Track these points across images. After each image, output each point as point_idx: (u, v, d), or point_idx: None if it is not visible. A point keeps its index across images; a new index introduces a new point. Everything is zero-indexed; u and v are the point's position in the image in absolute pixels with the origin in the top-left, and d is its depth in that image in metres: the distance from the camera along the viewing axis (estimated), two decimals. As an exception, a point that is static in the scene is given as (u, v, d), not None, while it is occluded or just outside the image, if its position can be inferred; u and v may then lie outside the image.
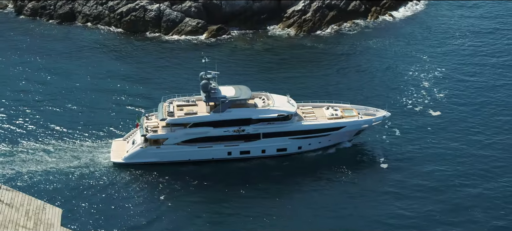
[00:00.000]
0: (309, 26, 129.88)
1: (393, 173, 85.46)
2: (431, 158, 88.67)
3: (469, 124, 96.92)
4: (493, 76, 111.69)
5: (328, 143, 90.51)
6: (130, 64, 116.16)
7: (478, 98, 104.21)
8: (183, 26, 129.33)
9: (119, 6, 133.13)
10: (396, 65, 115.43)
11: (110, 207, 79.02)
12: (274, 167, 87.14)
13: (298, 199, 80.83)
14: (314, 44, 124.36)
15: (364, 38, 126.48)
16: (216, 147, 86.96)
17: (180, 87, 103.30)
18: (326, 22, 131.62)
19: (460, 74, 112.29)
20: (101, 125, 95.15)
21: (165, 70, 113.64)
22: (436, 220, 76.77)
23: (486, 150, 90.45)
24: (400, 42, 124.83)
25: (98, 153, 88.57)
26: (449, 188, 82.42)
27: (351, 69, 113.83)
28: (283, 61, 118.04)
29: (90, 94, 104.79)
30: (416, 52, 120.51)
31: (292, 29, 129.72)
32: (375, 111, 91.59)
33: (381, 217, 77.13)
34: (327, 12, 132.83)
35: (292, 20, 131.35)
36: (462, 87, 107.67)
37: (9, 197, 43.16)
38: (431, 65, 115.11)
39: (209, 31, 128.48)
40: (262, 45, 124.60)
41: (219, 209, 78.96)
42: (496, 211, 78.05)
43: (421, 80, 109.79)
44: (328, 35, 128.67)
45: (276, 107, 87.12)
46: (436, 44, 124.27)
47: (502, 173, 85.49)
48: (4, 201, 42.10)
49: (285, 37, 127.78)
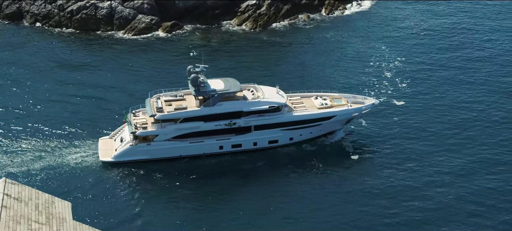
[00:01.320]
0: (264, 20, 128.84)
1: (362, 164, 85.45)
2: (398, 148, 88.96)
3: (434, 112, 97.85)
4: (452, 65, 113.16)
5: (319, 133, 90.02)
6: (89, 63, 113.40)
7: (440, 87, 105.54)
8: (137, 23, 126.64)
9: (69, 4, 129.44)
10: (356, 57, 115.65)
11: (101, 206, 77.20)
12: (246, 161, 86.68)
13: (268, 195, 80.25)
14: (271, 38, 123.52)
15: (321, 32, 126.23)
16: (207, 141, 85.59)
17: (156, 82, 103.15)
18: (281, 16, 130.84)
19: (420, 64, 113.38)
20: (81, 125, 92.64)
21: (128, 68, 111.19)
22: (403, 207, 77.34)
23: (453, 138, 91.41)
24: (357, 34, 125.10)
25: (85, 152, 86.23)
26: (417, 176, 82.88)
27: (311, 63, 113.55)
28: (242, 55, 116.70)
29: (61, 96, 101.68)
30: (374, 44, 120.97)
31: (248, 24, 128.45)
32: (363, 100, 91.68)
33: (349, 210, 76.94)
34: (281, 6, 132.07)
35: (247, 15, 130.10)
36: (423, 76, 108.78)
37: (16, 191, 40.58)
38: (391, 56, 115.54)
39: (164, 27, 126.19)
40: (218, 40, 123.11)
41: (210, 204, 78.21)
42: (468, 197, 79.23)
43: (383, 71, 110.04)
44: (284, 29, 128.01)
45: (267, 99, 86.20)
46: (393, 36, 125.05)
47: (469, 158, 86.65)
48: (11, 195, 39.51)
49: (241, 32, 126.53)
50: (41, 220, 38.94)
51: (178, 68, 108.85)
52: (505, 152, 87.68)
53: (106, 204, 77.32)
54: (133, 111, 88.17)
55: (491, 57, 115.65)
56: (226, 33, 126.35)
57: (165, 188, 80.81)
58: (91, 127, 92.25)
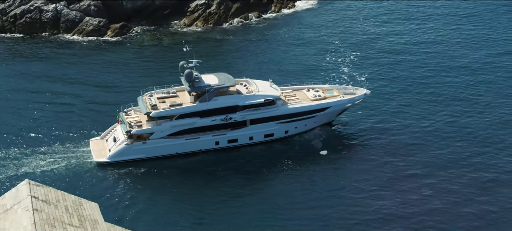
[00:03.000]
0: (215, 19, 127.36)
1: (332, 159, 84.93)
2: (366, 140, 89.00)
3: (396, 103, 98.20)
4: (405, 56, 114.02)
5: (313, 125, 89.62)
6: (43, 69, 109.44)
7: (399, 77, 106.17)
8: (84, 25, 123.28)
9: (12, 8, 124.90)
10: (312, 53, 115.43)
11: (101, 207, 73.88)
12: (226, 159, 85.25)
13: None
14: (224, 37, 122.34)
15: (273, 29, 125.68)
16: (203, 137, 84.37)
17: (115, 84, 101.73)
18: (232, 15, 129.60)
19: (375, 57, 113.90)
20: (68, 128, 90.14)
21: (83, 70, 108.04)
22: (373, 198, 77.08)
23: (418, 127, 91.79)
24: (309, 31, 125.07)
25: (78, 155, 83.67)
26: (382, 166, 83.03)
27: (267, 60, 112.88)
28: (196, 54, 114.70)
29: (44, 100, 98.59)
30: (328, 39, 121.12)
31: (198, 24, 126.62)
32: (354, 90, 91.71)
33: (320, 204, 76.30)
34: (231, 5, 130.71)
35: (197, 14, 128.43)
36: (380, 69, 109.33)
37: (42, 193, 38.11)
38: (346, 51, 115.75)
39: (112, 29, 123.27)
40: (170, 40, 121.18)
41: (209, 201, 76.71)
42: (438, 185, 79.60)
43: (340, 66, 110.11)
44: (236, 28, 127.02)
45: (262, 92, 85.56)
46: (345, 31, 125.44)
47: (436, 146, 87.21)
48: (39, 198, 37.04)
49: (192, 32, 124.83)
50: (74, 223, 36.66)
51: (133, 69, 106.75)
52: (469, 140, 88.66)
53: (106, 205, 74.31)
54: (125, 110, 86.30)
55: (438, 40, 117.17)
56: (177, 33, 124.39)
57: (165, 187, 79.03)
58: (80, 128, 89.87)
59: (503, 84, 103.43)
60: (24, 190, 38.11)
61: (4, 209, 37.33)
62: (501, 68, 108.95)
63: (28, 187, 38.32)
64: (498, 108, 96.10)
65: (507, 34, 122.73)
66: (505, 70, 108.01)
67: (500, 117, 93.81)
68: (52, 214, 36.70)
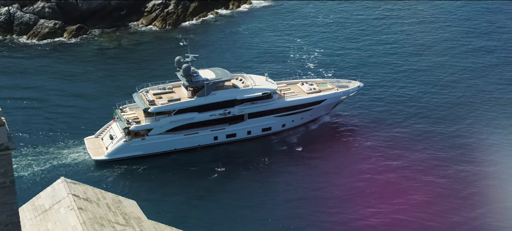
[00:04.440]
0: (174, 19, 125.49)
1: (308, 156, 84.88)
2: (341, 137, 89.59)
3: (367, 97, 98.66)
4: (367, 50, 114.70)
5: (309, 118, 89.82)
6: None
7: (368, 74, 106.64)
8: (39, 28, 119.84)
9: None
10: (276, 50, 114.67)
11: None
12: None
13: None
14: (185, 36, 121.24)
15: (233, 26, 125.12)
16: (202, 132, 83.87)
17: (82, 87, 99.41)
18: (190, 14, 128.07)
19: (338, 52, 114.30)
20: (58, 128, 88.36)
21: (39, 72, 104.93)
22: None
23: (391, 120, 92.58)
24: (270, 28, 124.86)
25: (74, 154, 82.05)
26: (357, 160, 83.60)
27: (231, 58, 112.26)
28: (157, 54, 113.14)
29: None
30: (288, 36, 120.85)
31: (157, 23, 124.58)
32: (347, 83, 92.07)
33: (295, 199, 76.29)
34: (189, 4, 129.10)
35: (155, 15, 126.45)
36: (344, 63, 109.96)
37: (81, 191, 36.22)
38: (308, 47, 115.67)
39: (69, 31, 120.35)
40: (129, 41, 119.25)
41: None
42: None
43: (305, 62, 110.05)
44: (195, 27, 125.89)
45: (259, 86, 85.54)
46: (306, 27, 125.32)
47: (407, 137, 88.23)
48: (80, 196, 35.06)
49: (151, 32, 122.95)
50: (120, 221, 34.95)
51: (93, 71, 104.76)
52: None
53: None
54: (120, 108, 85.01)
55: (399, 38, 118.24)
56: (135, 33, 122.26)
57: (167, 183, 78.41)
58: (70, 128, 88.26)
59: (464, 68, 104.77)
60: (62, 188, 36.18)
61: (43, 210, 35.33)
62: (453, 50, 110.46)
63: (65, 185, 36.39)
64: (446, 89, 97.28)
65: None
66: (457, 51, 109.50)
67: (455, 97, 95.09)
68: (97, 212, 34.88)
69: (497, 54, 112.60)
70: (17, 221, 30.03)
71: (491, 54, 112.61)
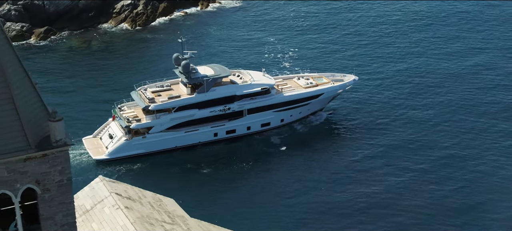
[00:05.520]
0: (143, 19, 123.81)
1: (291, 155, 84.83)
2: (318, 132, 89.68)
3: (344, 94, 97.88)
4: (342, 48, 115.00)
5: (307, 112, 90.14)
6: None
7: (344, 71, 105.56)
8: (6, 31, 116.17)
9: None
10: (250, 49, 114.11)
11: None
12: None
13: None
14: (155, 36, 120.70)
15: (203, 26, 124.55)
16: (202, 129, 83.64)
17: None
18: (159, 14, 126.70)
19: (312, 50, 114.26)
20: None
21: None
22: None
23: (371, 119, 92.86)
24: (242, 27, 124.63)
25: (73, 154, 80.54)
26: (341, 155, 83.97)
27: (205, 57, 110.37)
28: (129, 54, 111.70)
29: None
30: (261, 36, 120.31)
31: (126, 24, 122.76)
32: (342, 77, 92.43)
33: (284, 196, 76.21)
34: (158, 4, 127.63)
35: (124, 15, 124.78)
36: (319, 61, 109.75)
37: (121, 190, 35.06)
38: (282, 46, 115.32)
39: (37, 34, 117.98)
40: (100, 42, 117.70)
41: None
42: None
43: (280, 61, 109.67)
44: (164, 26, 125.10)
45: (257, 81, 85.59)
46: (277, 26, 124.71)
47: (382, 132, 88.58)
48: (122, 195, 33.77)
49: (121, 33, 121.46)
50: (167, 220, 33.83)
51: (60, 73, 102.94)
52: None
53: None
54: (118, 106, 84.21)
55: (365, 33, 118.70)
56: (106, 34, 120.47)
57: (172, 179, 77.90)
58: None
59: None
60: (102, 187, 34.94)
61: (84, 210, 34.02)
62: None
63: (105, 184, 35.09)
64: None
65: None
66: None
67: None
68: (143, 211, 33.66)
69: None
70: (73, 221, 28.83)
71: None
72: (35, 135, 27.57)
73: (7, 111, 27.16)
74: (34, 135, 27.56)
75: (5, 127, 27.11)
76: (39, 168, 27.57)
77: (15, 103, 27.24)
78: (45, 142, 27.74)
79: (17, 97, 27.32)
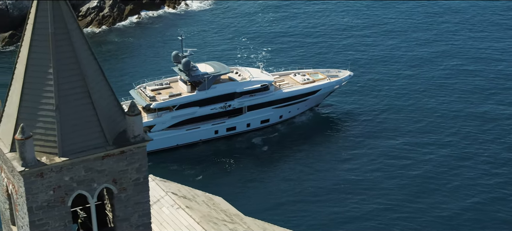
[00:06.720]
0: (110, 22, 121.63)
1: (272, 156, 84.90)
2: (301, 131, 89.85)
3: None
4: (312, 47, 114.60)
5: (305, 108, 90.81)
6: None
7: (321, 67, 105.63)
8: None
9: None
10: (221, 52, 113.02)
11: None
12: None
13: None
14: (123, 39, 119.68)
15: (171, 28, 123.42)
16: (203, 127, 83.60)
17: None
18: (125, 16, 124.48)
19: (286, 51, 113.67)
20: None
21: None
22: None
23: (351, 118, 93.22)
24: (210, 29, 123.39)
25: None
26: (324, 154, 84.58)
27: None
28: (103, 55, 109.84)
29: None
30: (232, 36, 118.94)
31: (93, 27, 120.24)
32: (337, 72, 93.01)
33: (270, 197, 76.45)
34: (123, 6, 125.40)
35: (90, 18, 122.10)
36: (294, 62, 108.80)
37: (175, 189, 33.41)
38: (255, 46, 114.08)
39: (2, 39, 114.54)
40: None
41: None
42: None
43: (254, 62, 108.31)
44: (131, 28, 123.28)
45: (257, 78, 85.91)
46: (248, 27, 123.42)
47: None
48: (177, 194, 32.10)
49: (88, 35, 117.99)
50: (226, 219, 32.29)
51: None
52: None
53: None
54: None
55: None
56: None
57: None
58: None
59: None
60: (156, 187, 33.22)
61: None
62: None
63: (157, 183, 33.37)
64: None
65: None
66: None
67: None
68: (202, 210, 32.09)
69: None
70: (148, 222, 27.29)
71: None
72: (111, 130, 26.05)
73: (84, 106, 25.53)
74: (111, 130, 25.98)
75: (82, 123, 25.46)
76: (116, 166, 26.10)
77: (91, 97, 25.58)
78: (121, 138, 26.32)
79: (92, 90, 25.72)
